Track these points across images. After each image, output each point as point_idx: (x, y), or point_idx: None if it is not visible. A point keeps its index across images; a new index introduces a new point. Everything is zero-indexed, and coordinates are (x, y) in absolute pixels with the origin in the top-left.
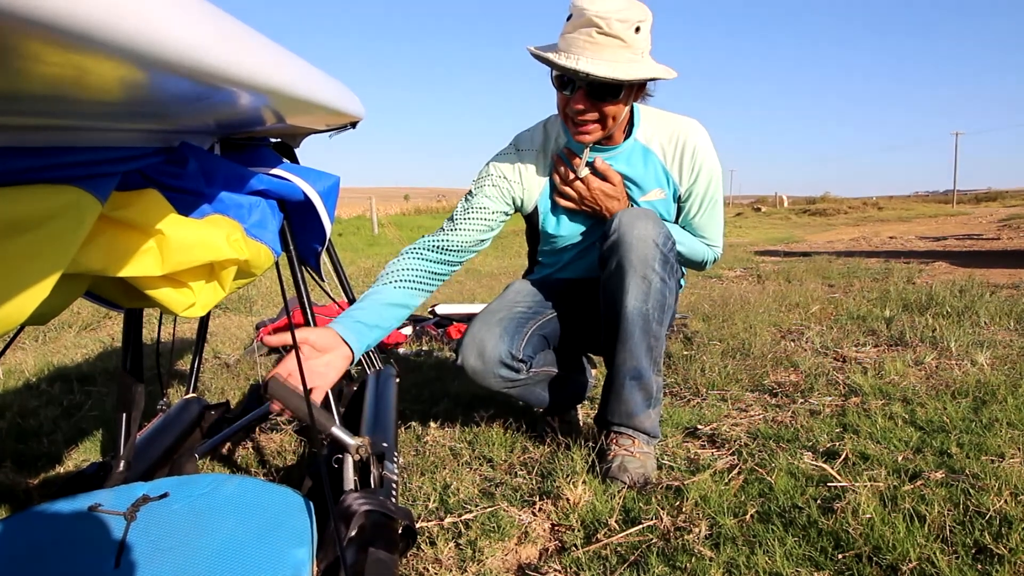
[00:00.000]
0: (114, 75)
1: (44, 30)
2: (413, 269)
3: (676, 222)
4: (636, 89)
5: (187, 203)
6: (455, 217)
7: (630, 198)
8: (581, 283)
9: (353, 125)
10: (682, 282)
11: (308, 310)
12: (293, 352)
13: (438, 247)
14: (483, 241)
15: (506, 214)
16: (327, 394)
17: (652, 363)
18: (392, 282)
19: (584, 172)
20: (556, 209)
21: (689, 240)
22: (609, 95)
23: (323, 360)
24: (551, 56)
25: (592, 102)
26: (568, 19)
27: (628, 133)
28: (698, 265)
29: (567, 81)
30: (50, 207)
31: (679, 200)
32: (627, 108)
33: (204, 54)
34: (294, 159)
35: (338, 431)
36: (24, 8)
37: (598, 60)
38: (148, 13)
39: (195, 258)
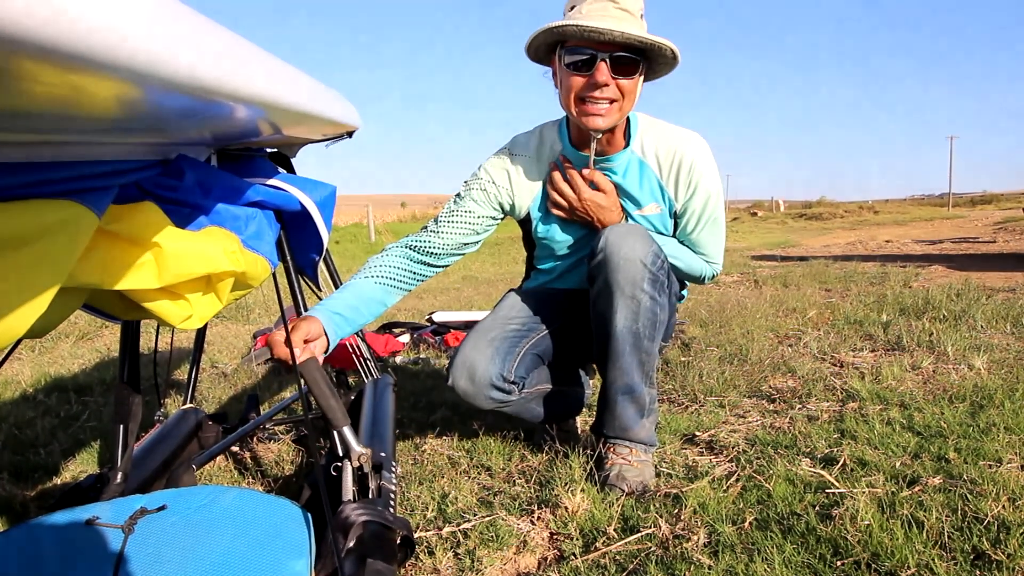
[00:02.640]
0: (111, 93)
1: (42, 51)
2: (394, 267)
3: (675, 236)
4: (643, 76)
5: (184, 215)
6: (440, 219)
7: (625, 210)
8: (578, 294)
9: (349, 134)
10: (684, 293)
11: None
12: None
13: (419, 248)
14: (467, 245)
15: (493, 219)
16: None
17: (644, 377)
18: (373, 277)
19: (592, 160)
20: (549, 217)
21: (686, 256)
22: (630, 69)
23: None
24: (581, 23)
25: (613, 77)
26: (572, 7)
27: (627, 143)
28: (695, 280)
29: (584, 62)
30: (47, 221)
31: (675, 215)
32: (638, 91)
33: (201, 70)
34: (291, 169)
35: (348, 432)
36: (23, 31)
37: (624, 27)
38: (145, 32)
39: (192, 270)
